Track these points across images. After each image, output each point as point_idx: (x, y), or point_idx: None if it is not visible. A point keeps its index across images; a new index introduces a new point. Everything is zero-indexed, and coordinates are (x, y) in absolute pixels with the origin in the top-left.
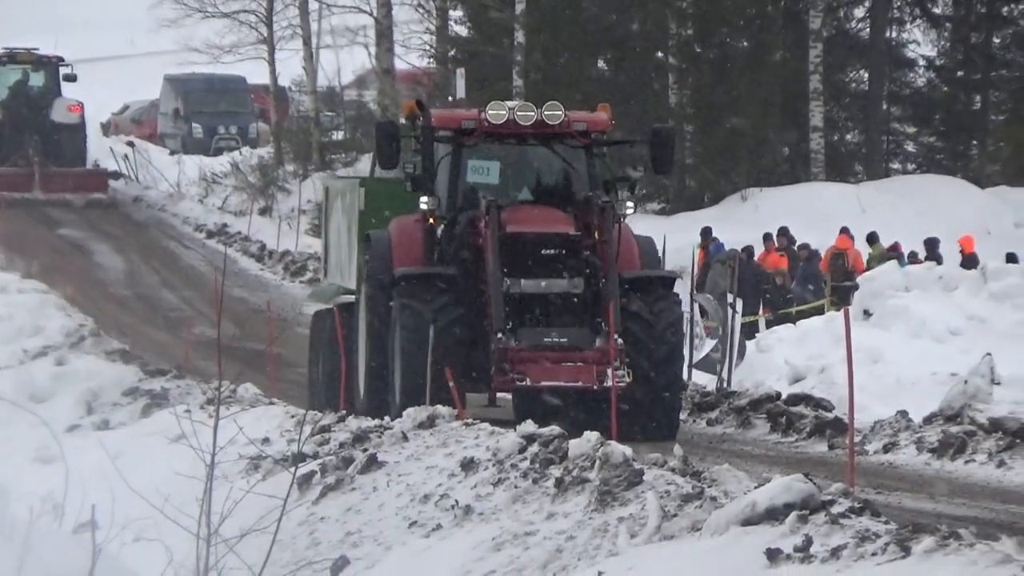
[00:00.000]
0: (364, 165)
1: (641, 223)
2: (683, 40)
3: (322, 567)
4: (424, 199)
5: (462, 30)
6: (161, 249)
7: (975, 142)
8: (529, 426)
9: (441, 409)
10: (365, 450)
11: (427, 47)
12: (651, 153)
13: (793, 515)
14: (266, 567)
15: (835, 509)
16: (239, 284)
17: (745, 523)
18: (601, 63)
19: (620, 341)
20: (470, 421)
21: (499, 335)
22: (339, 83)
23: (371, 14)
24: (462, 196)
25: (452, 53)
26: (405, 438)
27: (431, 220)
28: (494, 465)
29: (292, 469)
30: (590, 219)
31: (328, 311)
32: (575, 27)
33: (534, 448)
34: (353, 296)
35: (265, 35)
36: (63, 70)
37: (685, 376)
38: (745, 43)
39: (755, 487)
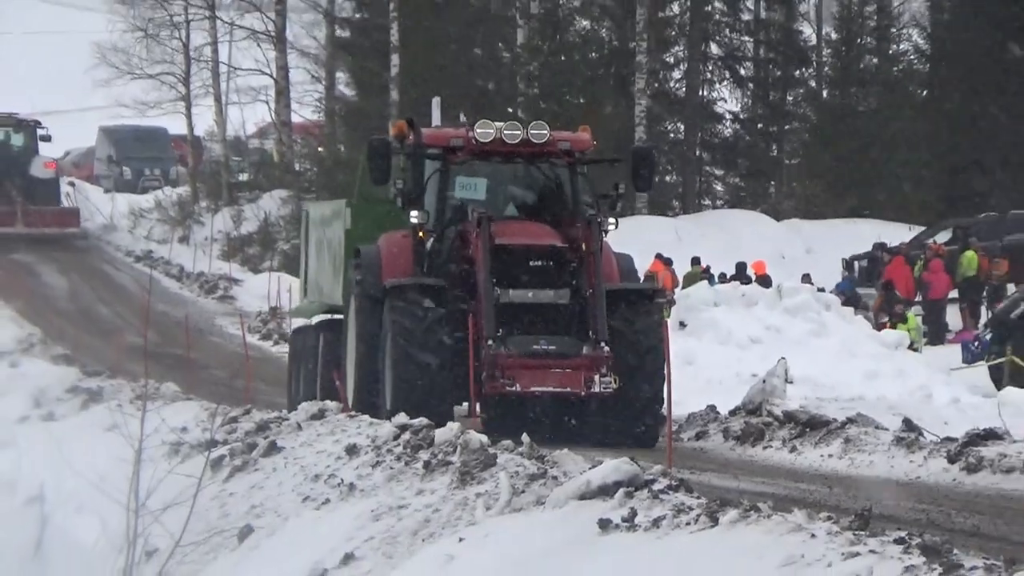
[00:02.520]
0: (266, 202)
1: None
2: (530, 97)
3: (231, 534)
4: (414, 213)
5: (347, 90)
6: (97, 271)
7: (772, 182)
8: (402, 418)
9: (329, 403)
10: (267, 437)
11: (318, 104)
12: (632, 172)
13: (621, 491)
14: (184, 534)
15: (656, 486)
16: (162, 300)
17: (581, 498)
18: (463, 116)
19: (607, 349)
20: (353, 414)
21: (490, 343)
22: (244, 133)
23: (271, 76)
24: (450, 211)
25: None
26: (299, 428)
27: (420, 234)
28: (373, 450)
29: (206, 453)
30: (575, 233)
31: (308, 327)
32: (442, 86)
33: (406, 436)
34: (331, 313)
35: (183, 93)
36: (40, 132)
37: None
38: (581, 100)
39: (589, 468)
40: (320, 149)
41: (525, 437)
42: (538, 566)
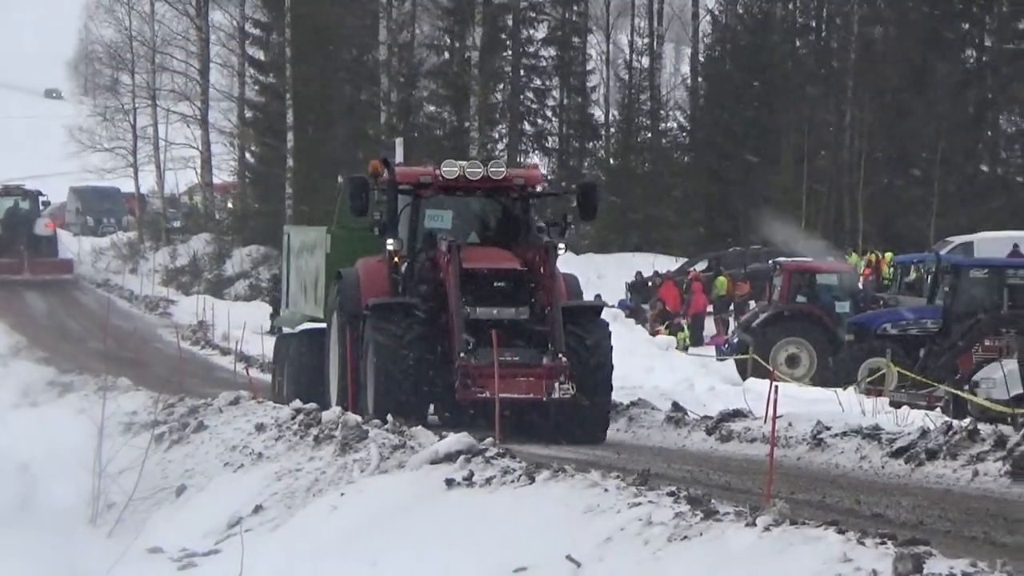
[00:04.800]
0: (194, 242)
1: None
2: None
3: (170, 491)
4: (389, 241)
5: (253, 159)
6: (68, 295)
7: (572, 226)
8: (297, 403)
9: (243, 392)
10: (196, 418)
11: (232, 169)
12: (579, 203)
13: (462, 458)
14: (135, 491)
15: (488, 454)
16: (117, 316)
17: (432, 463)
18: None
19: (564, 360)
20: (261, 400)
21: (461, 355)
22: (177, 191)
23: (197, 148)
24: (421, 239)
25: (247, 173)
26: (221, 411)
27: (395, 259)
28: (276, 427)
29: (151, 430)
30: (531, 256)
31: (290, 334)
32: (324, 154)
33: (301, 416)
34: (313, 322)
35: (131, 161)
36: (42, 199)
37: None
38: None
39: (438, 440)
40: (230, 204)
41: (390, 417)
42: (400, 513)
